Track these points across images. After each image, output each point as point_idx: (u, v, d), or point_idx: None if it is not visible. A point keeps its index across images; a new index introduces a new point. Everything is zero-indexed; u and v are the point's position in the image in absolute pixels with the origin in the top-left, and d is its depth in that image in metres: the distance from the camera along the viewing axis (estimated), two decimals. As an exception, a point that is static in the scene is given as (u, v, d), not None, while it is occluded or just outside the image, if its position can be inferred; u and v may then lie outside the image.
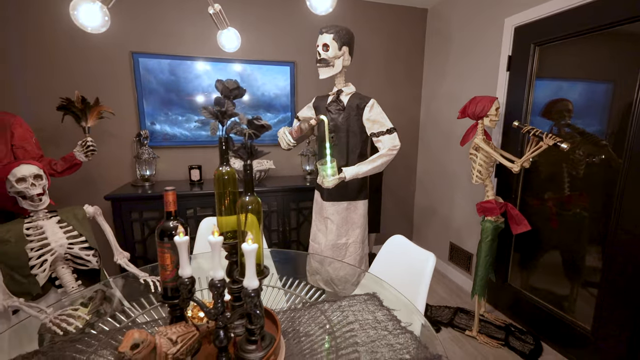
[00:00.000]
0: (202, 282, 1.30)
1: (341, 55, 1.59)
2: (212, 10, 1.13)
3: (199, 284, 1.27)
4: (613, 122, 1.68)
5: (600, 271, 1.73)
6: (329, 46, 1.55)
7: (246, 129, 0.82)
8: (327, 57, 1.57)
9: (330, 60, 1.59)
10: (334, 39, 1.55)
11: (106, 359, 0.88)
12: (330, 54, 1.57)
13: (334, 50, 1.56)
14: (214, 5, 1.10)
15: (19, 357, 0.89)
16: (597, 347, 1.71)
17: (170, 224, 0.83)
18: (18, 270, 1.16)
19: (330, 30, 1.56)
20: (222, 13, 1.15)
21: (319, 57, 1.60)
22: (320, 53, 1.58)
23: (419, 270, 1.24)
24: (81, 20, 0.88)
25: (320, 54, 1.58)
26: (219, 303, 0.77)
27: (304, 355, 0.91)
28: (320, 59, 1.59)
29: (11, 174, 1.20)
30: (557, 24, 1.84)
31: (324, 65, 1.60)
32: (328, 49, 1.56)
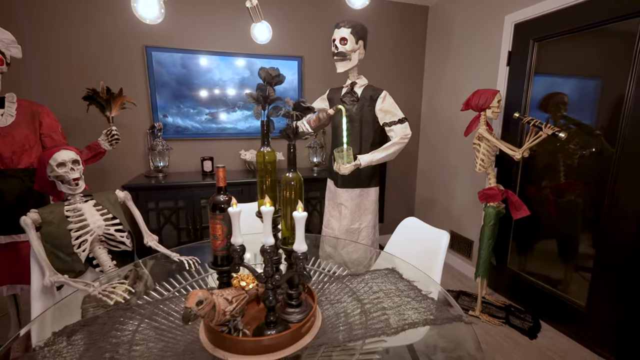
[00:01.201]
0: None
1: (357, 49, 1.68)
2: (250, 4, 1.21)
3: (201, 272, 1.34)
4: (606, 114, 1.81)
5: (593, 253, 1.86)
6: (347, 40, 1.64)
7: (292, 111, 0.91)
8: (344, 51, 1.66)
9: (347, 53, 1.68)
10: (351, 33, 1.64)
11: (151, 329, 0.97)
12: (348, 48, 1.66)
13: (352, 44, 1.65)
14: (252, 0, 1.19)
15: (68, 327, 0.97)
16: (592, 322, 1.85)
17: (220, 197, 0.92)
18: (62, 249, 1.23)
19: (348, 24, 1.65)
20: (259, 7, 1.23)
21: (336, 51, 1.68)
22: (337, 47, 1.67)
23: (434, 248, 1.35)
24: (140, 12, 0.95)
25: (338, 48, 1.67)
26: (268, 267, 0.86)
27: (339, 316, 1.01)
28: (338, 52, 1.67)
29: (52, 159, 1.27)
30: (555, 21, 1.96)
31: (341, 58, 1.69)
32: (346, 43, 1.65)
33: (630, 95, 1.63)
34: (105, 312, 1.02)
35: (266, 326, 0.89)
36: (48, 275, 1.16)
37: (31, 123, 1.57)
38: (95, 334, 0.92)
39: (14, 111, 1.52)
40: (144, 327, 0.95)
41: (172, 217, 2.31)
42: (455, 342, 0.97)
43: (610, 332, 1.77)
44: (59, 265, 1.21)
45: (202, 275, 1.29)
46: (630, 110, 1.63)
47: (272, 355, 0.83)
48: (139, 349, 0.86)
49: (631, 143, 1.65)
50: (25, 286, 1.56)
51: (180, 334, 0.92)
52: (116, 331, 0.93)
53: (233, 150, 2.74)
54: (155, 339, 0.90)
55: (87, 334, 0.92)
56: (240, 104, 2.67)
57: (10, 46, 1.47)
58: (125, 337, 0.91)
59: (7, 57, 1.46)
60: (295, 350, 0.85)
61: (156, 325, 0.96)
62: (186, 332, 0.93)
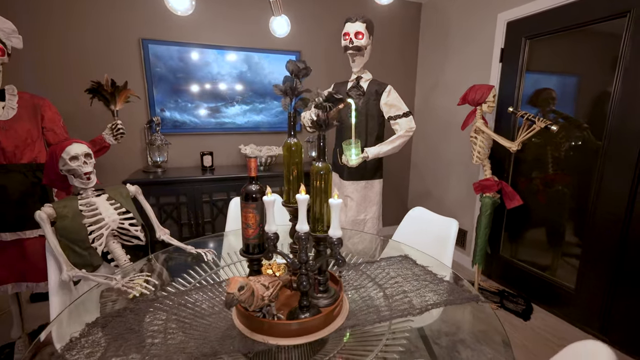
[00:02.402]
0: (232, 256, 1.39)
1: (369, 44, 1.72)
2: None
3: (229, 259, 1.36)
4: (592, 109, 1.93)
5: (581, 239, 1.99)
6: (362, 34, 1.67)
7: (324, 103, 0.94)
8: (360, 45, 1.69)
9: (362, 47, 1.71)
10: (366, 27, 1.68)
11: (182, 318, 0.98)
12: (363, 42, 1.69)
13: (366, 39, 1.69)
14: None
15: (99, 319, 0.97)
16: (580, 302, 1.99)
17: (252, 187, 0.94)
18: (79, 244, 1.21)
19: (362, 19, 1.68)
20: (280, 1, 1.24)
21: (351, 45, 1.70)
22: (353, 40, 1.69)
23: (444, 235, 1.42)
24: (171, 4, 0.95)
25: (354, 42, 1.69)
26: (303, 253, 0.89)
27: (364, 300, 1.05)
28: (354, 46, 1.70)
29: (65, 152, 1.24)
30: (546, 20, 2.07)
31: (357, 52, 1.71)
32: (362, 37, 1.68)
33: (617, 91, 1.75)
34: (133, 304, 1.02)
35: (300, 310, 0.92)
36: (66, 270, 1.14)
37: (33, 117, 1.52)
38: (129, 323, 0.93)
39: (15, 104, 1.46)
40: (175, 316, 0.96)
41: (173, 213, 2.29)
42: (457, 326, 1.04)
43: (596, 311, 1.90)
44: (75, 260, 1.20)
45: (219, 267, 1.30)
46: (617, 105, 1.75)
47: (308, 337, 0.86)
48: (176, 336, 0.87)
49: (617, 136, 1.77)
50: (30, 284, 1.52)
51: (212, 321, 0.94)
52: (148, 321, 0.94)
53: (232, 144, 2.73)
54: (190, 327, 0.91)
55: (121, 324, 0.93)
56: (239, 99, 2.66)
57: (11, 36, 1.41)
58: (159, 326, 0.92)
59: (8, 47, 1.41)
60: (330, 331, 0.89)
61: (185, 314, 0.97)
62: (219, 320, 0.95)
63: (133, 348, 0.83)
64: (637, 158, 1.69)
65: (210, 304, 1.02)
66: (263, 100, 2.75)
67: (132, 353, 0.81)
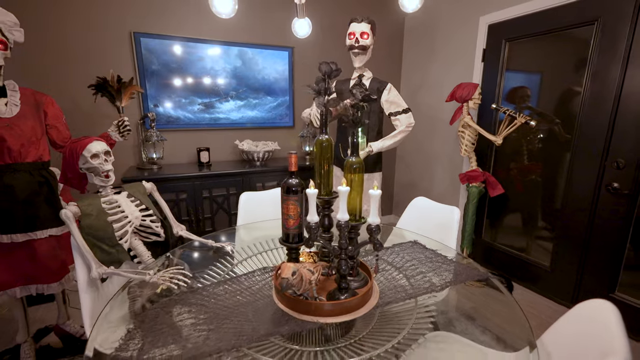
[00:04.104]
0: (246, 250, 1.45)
1: (372, 43, 1.81)
2: (299, 2, 1.27)
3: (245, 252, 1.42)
4: (563, 105, 2.15)
5: (554, 223, 2.24)
6: (368, 34, 1.76)
7: (360, 102, 1.02)
8: (366, 45, 1.78)
9: (368, 47, 1.80)
10: (371, 28, 1.77)
11: (225, 307, 1.04)
12: (368, 42, 1.78)
13: (371, 39, 1.78)
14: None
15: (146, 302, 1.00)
16: (555, 279, 2.24)
17: (292, 181, 1.01)
18: (106, 241, 1.22)
19: (367, 19, 1.77)
20: (304, 5, 1.29)
21: (357, 44, 1.79)
22: (359, 40, 1.78)
23: (448, 222, 1.56)
24: (216, 7, 0.96)
25: (360, 41, 1.78)
26: (344, 239, 0.98)
27: (389, 281, 1.16)
28: (359, 46, 1.78)
29: (86, 150, 1.23)
30: (524, 24, 2.26)
31: (362, 52, 1.80)
32: (367, 37, 1.77)
33: (586, 91, 1.98)
34: (177, 297, 1.06)
35: (339, 292, 1.01)
36: (95, 268, 1.15)
37: (36, 114, 1.47)
38: (174, 315, 0.97)
39: (18, 100, 1.41)
40: (217, 306, 1.01)
41: (173, 209, 2.27)
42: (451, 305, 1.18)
43: (569, 286, 2.16)
44: (103, 257, 1.21)
45: (238, 261, 1.36)
46: (586, 103, 1.98)
47: (351, 315, 0.96)
48: (230, 322, 0.93)
49: (586, 131, 2.01)
50: (40, 286, 1.48)
51: (257, 307, 1.01)
52: (195, 310, 0.99)
53: (227, 140, 2.73)
54: (238, 314, 0.97)
55: (166, 317, 0.97)
56: (233, 94, 2.67)
57: (13, 29, 1.35)
58: (207, 316, 0.97)
59: (11, 41, 1.35)
60: (369, 308, 0.99)
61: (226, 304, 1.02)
62: (263, 306, 1.01)
63: (193, 335, 0.88)
64: (602, 150, 1.93)
65: (248, 294, 1.08)
66: (257, 95, 2.77)
67: (192, 340, 0.86)
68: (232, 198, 2.43)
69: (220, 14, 1.02)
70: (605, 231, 1.95)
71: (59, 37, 2.09)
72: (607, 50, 1.86)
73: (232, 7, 1.02)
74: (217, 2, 0.98)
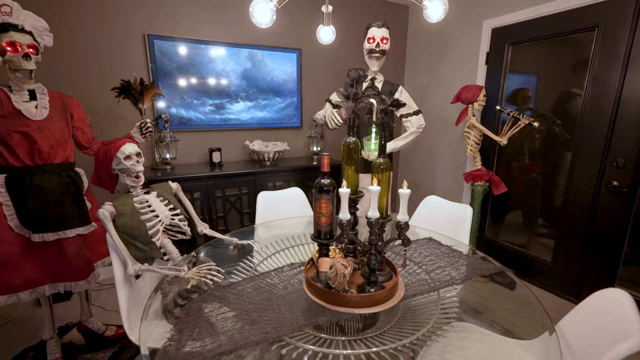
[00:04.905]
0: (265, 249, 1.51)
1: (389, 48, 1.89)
2: (325, 10, 1.33)
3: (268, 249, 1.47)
4: (565, 107, 2.25)
5: (556, 220, 2.34)
6: (387, 39, 1.84)
7: (390, 107, 1.08)
8: (386, 49, 1.86)
9: (386, 51, 1.88)
10: (389, 33, 1.84)
11: (258, 302, 1.10)
12: (387, 47, 1.85)
13: (389, 43, 1.86)
14: (328, 7, 1.31)
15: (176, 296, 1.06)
16: (556, 274, 2.34)
17: (324, 181, 1.07)
18: (140, 239, 1.26)
19: (386, 25, 1.85)
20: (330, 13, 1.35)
21: (378, 49, 1.86)
22: (380, 45, 1.85)
23: (460, 219, 1.64)
24: (256, 18, 1.02)
25: (380, 46, 1.85)
26: (374, 236, 1.05)
27: (412, 275, 1.23)
28: (380, 50, 1.86)
29: (120, 152, 1.27)
30: (528, 29, 2.35)
31: (382, 56, 1.88)
32: (387, 42, 1.84)
33: (588, 92, 2.07)
34: (218, 292, 1.11)
35: (368, 285, 1.08)
36: (131, 265, 1.20)
37: (63, 116, 1.51)
38: (219, 306, 1.03)
39: (47, 103, 1.45)
40: (257, 299, 1.07)
41: (187, 209, 2.31)
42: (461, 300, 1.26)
43: (570, 280, 2.26)
44: (137, 255, 1.25)
45: (267, 256, 1.41)
46: (587, 104, 2.08)
47: (381, 306, 1.03)
48: (271, 313, 0.99)
49: (587, 131, 2.10)
50: (68, 284, 1.52)
51: (293, 299, 1.07)
52: (235, 304, 1.05)
53: (237, 141, 2.78)
54: (274, 307, 1.03)
55: (207, 308, 1.02)
56: (243, 95, 2.72)
57: (43, 34, 1.39)
58: (247, 308, 1.03)
59: (41, 45, 1.39)
60: (397, 300, 1.06)
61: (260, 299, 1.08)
62: (297, 299, 1.08)
63: (238, 325, 0.94)
64: (602, 150, 2.03)
65: (281, 287, 1.15)
66: (266, 96, 2.82)
67: (237, 331, 0.92)
68: (243, 197, 2.48)
69: (259, 24, 1.08)
70: (605, 227, 2.05)
71: (72, 39, 2.11)
72: (607, 55, 1.96)
73: (271, 18, 1.07)
74: (256, 14, 1.03)
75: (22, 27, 1.30)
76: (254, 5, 1.00)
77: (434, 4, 1.12)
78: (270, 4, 1.02)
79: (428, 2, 1.12)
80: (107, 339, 1.81)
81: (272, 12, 1.05)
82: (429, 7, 1.13)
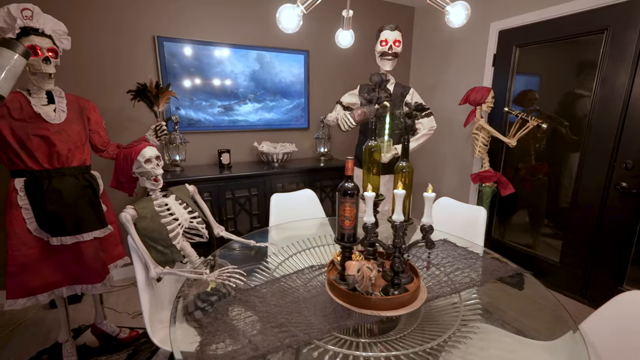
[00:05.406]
0: (288, 249, 1.52)
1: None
2: (346, 15, 1.34)
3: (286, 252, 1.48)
4: (572, 109, 2.27)
5: (563, 220, 2.36)
6: (400, 42, 1.85)
7: (414, 112, 1.09)
8: (398, 52, 1.87)
9: (399, 54, 1.89)
10: (402, 36, 1.86)
11: (284, 305, 1.11)
12: (400, 49, 1.87)
13: (401, 46, 1.87)
14: (349, 11, 1.31)
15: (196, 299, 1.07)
16: (564, 273, 2.36)
17: (348, 184, 1.08)
18: (161, 242, 1.27)
19: (398, 27, 1.86)
20: (351, 18, 1.35)
21: (390, 51, 1.87)
22: (392, 47, 1.86)
23: (474, 221, 1.66)
24: (283, 24, 1.02)
25: (393, 48, 1.86)
26: (399, 238, 1.06)
27: (432, 277, 1.25)
28: (393, 52, 1.87)
29: (140, 155, 1.28)
30: (535, 31, 2.37)
31: (394, 58, 1.89)
32: (399, 45, 1.86)
33: (596, 94, 2.09)
34: (242, 295, 1.12)
35: (392, 287, 1.09)
36: (153, 268, 1.21)
37: (80, 119, 1.51)
38: (244, 309, 1.04)
39: (65, 106, 1.45)
40: (282, 302, 1.08)
41: (198, 211, 2.32)
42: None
43: (578, 280, 2.28)
44: (159, 258, 1.26)
45: (285, 258, 1.42)
46: (596, 106, 2.10)
47: (406, 308, 1.04)
48: (298, 316, 1.00)
49: (595, 132, 2.12)
50: (84, 286, 1.53)
51: (318, 302, 1.08)
52: (260, 307, 1.05)
53: (245, 142, 2.78)
54: (300, 310, 1.04)
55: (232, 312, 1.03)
56: (251, 97, 2.72)
57: (62, 38, 1.39)
58: (273, 311, 1.04)
59: (60, 49, 1.39)
60: (421, 302, 1.07)
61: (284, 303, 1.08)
62: (322, 301, 1.08)
63: (267, 328, 0.95)
64: (611, 151, 2.05)
65: (304, 290, 1.15)
66: (274, 98, 2.83)
67: (267, 335, 0.93)
68: (253, 199, 2.48)
69: (286, 29, 1.09)
70: (613, 228, 2.07)
71: (81, 41, 2.11)
72: (616, 57, 1.98)
73: (297, 24, 1.08)
74: (283, 19, 1.04)
75: (43, 30, 1.31)
76: (281, 11, 1.01)
77: (457, 9, 1.13)
78: (297, 9, 1.03)
79: (450, 7, 1.13)
80: (121, 341, 1.82)
81: (299, 17, 1.06)
82: (451, 13, 1.14)
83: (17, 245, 1.36)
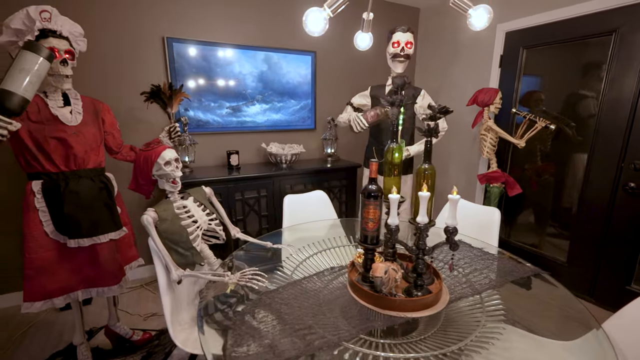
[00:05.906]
0: (305, 251, 1.53)
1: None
2: (366, 17, 1.34)
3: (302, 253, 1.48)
4: (578, 110, 2.28)
5: (571, 221, 2.38)
6: (412, 44, 1.86)
7: (438, 114, 1.10)
8: (410, 53, 1.88)
9: (410, 55, 1.90)
10: (414, 38, 1.86)
11: (308, 306, 1.11)
12: (412, 51, 1.88)
13: (413, 47, 1.88)
14: (370, 13, 1.32)
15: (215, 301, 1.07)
16: (571, 273, 2.38)
17: (373, 187, 1.09)
18: (181, 245, 1.27)
19: (410, 29, 1.87)
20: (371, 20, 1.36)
21: (403, 53, 1.88)
22: (404, 49, 1.87)
23: (488, 222, 1.67)
24: (309, 27, 1.02)
25: (405, 50, 1.87)
26: (422, 240, 1.07)
27: (452, 278, 1.25)
28: (405, 54, 1.88)
29: (160, 157, 1.27)
30: (542, 33, 2.39)
31: (406, 60, 1.90)
32: (411, 47, 1.86)
33: (604, 96, 2.11)
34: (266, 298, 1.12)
35: (415, 289, 1.09)
36: (174, 270, 1.21)
37: (96, 120, 1.50)
38: (269, 311, 1.04)
39: (81, 108, 1.44)
40: (307, 304, 1.08)
41: (208, 212, 2.31)
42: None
43: (585, 280, 2.30)
44: (179, 260, 1.26)
45: (303, 259, 1.42)
46: (604, 107, 2.12)
47: (431, 309, 1.04)
48: (325, 318, 1.01)
49: (603, 134, 2.14)
50: (100, 289, 1.52)
51: (342, 303, 1.08)
52: (288, 311, 1.06)
53: (253, 143, 2.78)
54: (325, 312, 1.05)
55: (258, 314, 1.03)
56: (259, 97, 2.72)
57: (79, 39, 1.39)
58: (296, 312, 1.04)
59: (77, 51, 1.38)
60: (444, 304, 1.08)
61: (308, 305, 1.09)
62: (346, 303, 1.09)
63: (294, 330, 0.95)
64: (619, 152, 2.07)
65: (327, 292, 1.16)
66: (281, 99, 2.83)
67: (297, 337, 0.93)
68: (262, 200, 2.48)
69: (312, 32, 1.09)
70: (621, 228, 2.09)
71: (90, 42, 2.10)
72: (624, 59, 2.00)
73: (324, 27, 1.09)
74: (310, 22, 1.04)
75: (60, 32, 1.30)
76: (308, 14, 1.01)
77: (479, 12, 1.14)
78: (324, 13, 1.04)
79: (473, 10, 1.14)
80: (134, 343, 1.81)
81: (325, 20, 1.06)
82: (473, 16, 1.15)
83: (35, 248, 1.36)
